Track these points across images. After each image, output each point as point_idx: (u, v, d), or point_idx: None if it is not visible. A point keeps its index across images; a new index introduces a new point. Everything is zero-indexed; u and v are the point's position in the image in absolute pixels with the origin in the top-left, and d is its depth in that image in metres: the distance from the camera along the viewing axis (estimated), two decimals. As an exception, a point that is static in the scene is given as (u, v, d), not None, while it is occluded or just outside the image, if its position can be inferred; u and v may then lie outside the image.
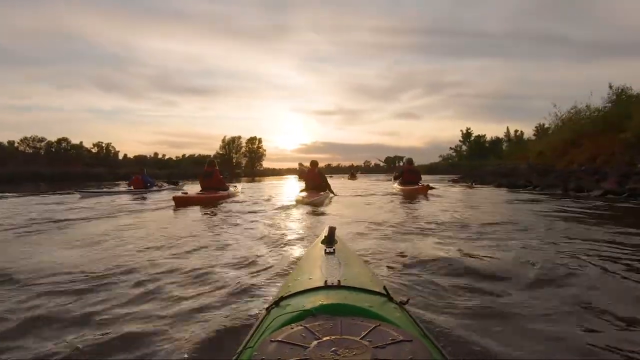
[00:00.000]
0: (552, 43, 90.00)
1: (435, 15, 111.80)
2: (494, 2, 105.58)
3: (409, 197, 7.08)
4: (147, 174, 10.41)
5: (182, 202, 5.97)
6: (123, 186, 10.28)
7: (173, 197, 6.16)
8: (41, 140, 43.13)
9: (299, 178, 22.12)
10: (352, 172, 24.12)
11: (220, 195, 6.90)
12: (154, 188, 10.05)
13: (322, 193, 6.77)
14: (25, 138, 42.37)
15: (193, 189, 7.98)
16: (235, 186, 8.75)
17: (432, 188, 7.66)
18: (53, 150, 42.89)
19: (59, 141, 44.16)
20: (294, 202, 6.16)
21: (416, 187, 7.88)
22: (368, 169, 59.99)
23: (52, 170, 28.58)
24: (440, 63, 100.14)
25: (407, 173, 8.70)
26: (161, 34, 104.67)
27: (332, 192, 7.45)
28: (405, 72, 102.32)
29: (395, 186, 8.83)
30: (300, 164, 26.99)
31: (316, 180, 7.16)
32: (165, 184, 11.38)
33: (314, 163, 7.52)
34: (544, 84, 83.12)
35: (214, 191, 6.88)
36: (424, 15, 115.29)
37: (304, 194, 6.56)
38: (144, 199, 7.98)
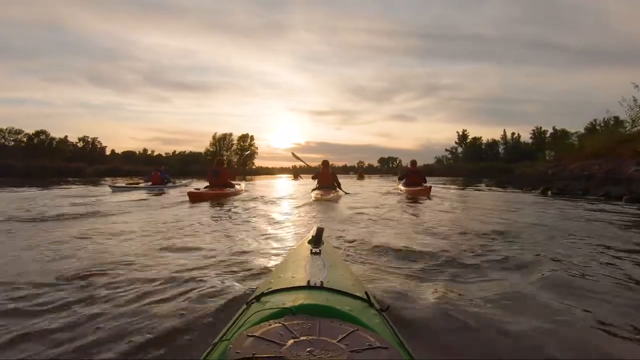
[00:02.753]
0: (543, 49, 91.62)
1: (430, 18, 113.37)
2: (488, 7, 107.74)
3: (413, 199, 7.00)
4: (164, 171, 11.24)
5: (196, 198, 6.28)
6: (143, 182, 11.12)
7: (188, 192, 6.47)
8: (18, 132, 41.03)
9: (294, 178, 22.21)
10: (360, 172, 24.37)
11: (229, 192, 7.32)
12: (170, 184, 10.90)
13: (333, 192, 6.96)
14: (1, 130, 40.19)
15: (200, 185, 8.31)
16: (239, 184, 8.96)
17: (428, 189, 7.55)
18: (35, 142, 40.85)
19: (37, 134, 42.11)
20: (311, 199, 6.39)
21: (419, 188, 7.97)
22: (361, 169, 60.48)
23: (27, 164, 27.09)
24: (434, 66, 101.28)
25: (410, 174, 8.75)
26: (155, 28, 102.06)
27: (343, 190, 7.61)
28: (399, 75, 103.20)
29: (400, 187, 8.89)
30: (294, 167, 27.40)
31: (329, 179, 7.46)
32: (178, 181, 12.39)
33: (325, 163, 7.69)
34: (534, 90, 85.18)
35: (222, 188, 7.16)
36: (419, 19, 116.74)
37: (319, 191, 6.78)
38: (162, 194, 8.45)
